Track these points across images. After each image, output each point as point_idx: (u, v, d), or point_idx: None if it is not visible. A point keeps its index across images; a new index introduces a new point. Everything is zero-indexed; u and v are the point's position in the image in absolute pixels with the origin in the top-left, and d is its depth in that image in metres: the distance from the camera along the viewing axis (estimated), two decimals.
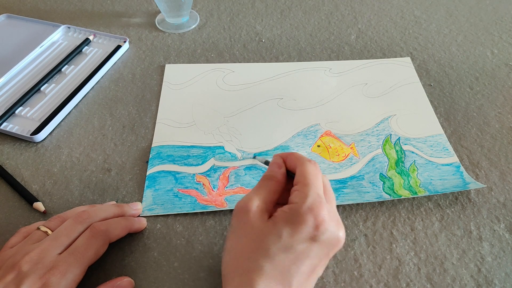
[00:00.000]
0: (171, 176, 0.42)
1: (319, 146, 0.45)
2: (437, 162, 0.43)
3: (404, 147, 0.45)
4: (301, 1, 0.69)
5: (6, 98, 0.50)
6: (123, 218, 0.37)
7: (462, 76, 0.54)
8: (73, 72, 0.54)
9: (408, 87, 0.53)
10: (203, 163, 0.43)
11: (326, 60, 0.57)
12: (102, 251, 0.33)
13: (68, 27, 0.61)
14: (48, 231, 0.33)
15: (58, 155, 0.45)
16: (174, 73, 0.55)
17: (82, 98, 0.51)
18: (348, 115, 0.49)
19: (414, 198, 0.40)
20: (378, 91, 0.52)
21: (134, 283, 0.34)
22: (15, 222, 0.39)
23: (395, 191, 0.40)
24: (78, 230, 0.33)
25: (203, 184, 0.42)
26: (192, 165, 0.43)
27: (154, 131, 0.47)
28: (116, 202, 0.40)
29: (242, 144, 0.45)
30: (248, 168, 0.43)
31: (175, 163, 0.43)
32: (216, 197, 0.40)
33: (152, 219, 0.39)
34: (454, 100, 0.51)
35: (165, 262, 0.36)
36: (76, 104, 0.50)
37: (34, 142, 0.46)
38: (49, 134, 0.47)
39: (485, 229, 0.38)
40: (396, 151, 0.45)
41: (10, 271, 0.29)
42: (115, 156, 0.44)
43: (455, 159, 0.44)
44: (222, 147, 0.45)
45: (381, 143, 0.45)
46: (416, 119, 0.48)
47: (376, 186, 0.41)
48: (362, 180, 0.42)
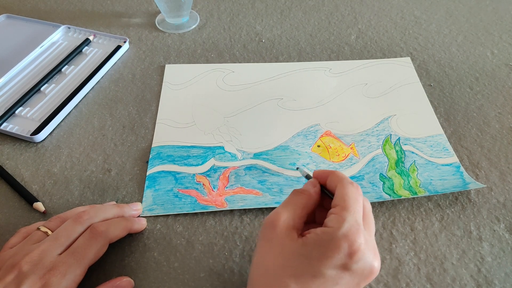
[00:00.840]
0: (171, 176, 0.42)
1: (319, 146, 0.45)
2: (437, 162, 0.43)
3: (404, 147, 0.45)
4: (301, 1, 0.69)
5: (6, 98, 0.50)
6: (123, 218, 0.37)
7: (462, 76, 0.54)
8: (73, 72, 0.54)
9: (408, 87, 0.53)
10: (203, 163, 0.44)
11: (326, 60, 0.57)
12: (102, 252, 0.33)
13: (68, 27, 0.61)
14: (48, 232, 0.33)
15: (58, 155, 0.45)
16: (174, 73, 0.55)
17: (82, 98, 0.51)
18: (348, 115, 0.49)
19: (414, 198, 0.40)
20: (378, 91, 0.52)
21: (134, 283, 0.34)
22: (15, 222, 0.39)
23: (395, 191, 0.40)
24: (78, 231, 0.33)
25: (203, 184, 0.42)
26: (192, 165, 0.43)
27: (154, 131, 0.47)
28: (116, 202, 0.40)
29: (242, 144, 0.45)
30: (248, 168, 0.43)
31: (175, 163, 0.43)
32: (216, 197, 0.40)
33: (152, 219, 0.39)
34: (454, 100, 0.51)
35: (165, 262, 0.36)
36: (76, 104, 0.50)
37: (34, 142, 0.46)
38: (49, 134, 0.47)
39: (485, 229, 0.38)
40: (396, 151, 0.45)
41: (10, 272, 0.29)
42: (115, 156, 0.44)
43: (455, 159, 0.44)
44: (222, 147, 0.45)
45: (381, 143, 0.45)
46: (416, 119, 0.48)
47: (376, 186, 0.41)
48: (362, 180, 0.42)
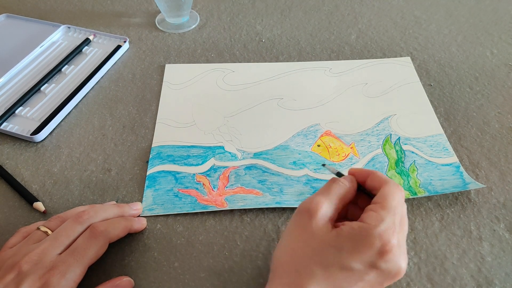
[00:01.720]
0: (171, 176, 0.42)
1: (319, 146, 0.45)
2: (437, 162, 0.43)
3: (404, 147, 0.45)
4: (301, 1, 0.69)
5: (6, 98, 0.50)
6: (123, 218, 0.37)
7: (462, 76, 0.54)
8: (73, 72, 0.54)
9: (408, 87, 0.53)
10: (203, 163, 0.43)
11: (326, 60, 0.57)
12: (102, 251, 0.33)
13: (68, 27, 0.61)
14: (48, 231, 0.33)
15: (58, 155, 0.45)
16: (174, 73, 0.55)
17: (82, 98, 0.51)
18: (348, 115, 0.49)
19: (414, 198, 0.40)
20: (378, 91, 0.52)
21: (134, 283, 0.34)
22: (15, 222, 0.39)
23: None
24: (78, 230, 0.33)
25: (203, 184, 0.42)
26: (192, 165, 0.43)
27: (154, 131, 0.47)
28: (116, 202, 0.40)
29: (242, 144, 0.45)
30: (248, 168, 0.43)
31: (175, 163, 0.43)
32: (216, 197, 0.40)
33: (152, 219, 0.39)
34: (454, 100, 0.51)
35: (165, 262, 0.36)
36: (76, 104, 0.50)
37: (34, 142, 0.46)
38: (49, 134, 0.47)
39: (485, 229, 0.38)
40: (396, 151, 0.45)
41: (10, 271, 0.29)
42: (115, 156, 0.44)
43: (454, 159, 0.44)
44: (222, 147, 0.45)
45: (381, 143, 0.45)
46: (416, 119, 0.48)
47: None
48: None
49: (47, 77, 0.53)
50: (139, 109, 0.50)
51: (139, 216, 0.39)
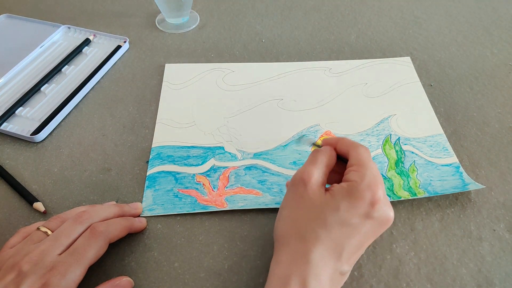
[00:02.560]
0: (171, 176, 0.42)
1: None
2: (436, 163, 0.43)
3: (404, 147, 0.45)
4: (301, 1, 0.69)
5: (6, 98, 0.50)
6: (123, 218, 0.37)
7: (462, 76, 0.54)
8: (73, 72, 0.54)
9: (408, 87, 0.53)
10: (203, 163, 0.44)
11: (326, 60, 0.57)
12: (102, 252, 0.33)
13: (68, 27, 0.61)
14: (48, 232, 0.33)
15: (58, 155, 0.45)
16: (174, 72, 0.55)
17: (82, 98, 0.51)
18: (348, 115, 0.49)
19: (414, 198, 0.40)
20: (378, 91, 0.52)
21: (134, 283, 0.34)
22: (15, 222, 0.39)
23: (395, 193, 0.40)
24: (78, 231, 0.33)
25: (203, 184, 0.42)
26: (192, 165, 0.43)
27: (154, 131, 0.47)
28: (116, 202, 0.40)
29: (242, 145, 0.45)
30: (248, 168, 0.43)
31: (175, 164, 0.43)
32: (216, 197, 0.40)
33: (152, 219, 0.39)
34: (454, 100, 0.51)
35: (165, 262, 0.36)
36: (76, 104, 0.50)
37: (34, 142, 0.46)
38: (49, 134, 0.47)
39: (485, 229, 0.38)
40: (396, 151, 0.45)
41: (10, 272, 0.29)
42: (115, 156, 0.44)
43: (454, 159, 0.44)
44: (222, 147, 0.45)
45: (381, 143, 0.45)
46: (416, 119, 0.48)
47: None
48: None
49: (47, 77, 0.53)
50: (139, 109, 0.50)
51: (139, 216, 0.39)
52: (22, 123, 0.47)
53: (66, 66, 0.55)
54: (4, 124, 0.47)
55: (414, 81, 0.53)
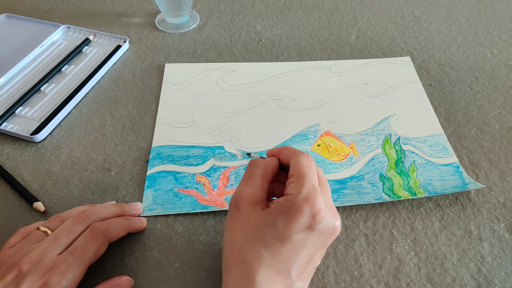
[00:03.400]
0: (171, 176, 0.42)
1: (319, 146, 0.45)
2: (436, 162, 0.43)
3: (404, 147, 0.45)
4: (301, 1, 0.69)
5: (6, 98, 0.50)
6: (123, 217, 0.37)
7: (462, 76, 0.54)
8: (73, 72, 0.54)
9: (408, 86, 0.53)
10: (203, 163, 0.44)
11: (326, 60, 0.57)
12: (102, 251, 0.33)
13: (68, 27, 0.61)
14: (48, 231, 0.33)
15: (58, 155, 0.45)
16: (174, 72, 0.55)
17: (82, 98, 0.51)
18: (348, 115, 0.49)
19: (413, 198, 0.40)
20: (378, 90, 0.52)
21: (135, 282, 0.34)
22: (15, 222, 0.39)
23: (395, 192, 0.40)
24: (78, 230, 0.33)
25: (203, 184, 0.42)
26: (192, 165, 0.43)
27: (154, 131, 0.47)
28: (116, 202, 0.40)
29: (242, 144, 0.45)
30: None
31: (175, 163, 0.43)
32: (216, 197, 0.40)
33: (152, 219, 0.39)
34: (454, 100, 0.51)
35: (165, 262, 0.36)
36: (76, 104, 0.50)
37: (34, 142, 0.46)
38: (49, 134, 0.47)
39: (485, 229, 0.38)
40: (396, 151, 0.45)
41: (10, 271, 0.29)
42: (115, 156, 0.44)
43: (454, 159, 0.44)
44: (222, 147, 0.45)
45: (381, 143, 0.45)
46: (416, 119, 0.48)
47: (376, 187, 0.41)
48: (362, 180, 0.42)
49: (47, 77, 0.53)
50: (139, 109, 0.50)
51: (139, 216, 0.39)
52: (22, 123, 0.47)
53: (66, 66, 0.55)
54: (4, 124, 0.47)
55: (414, 81, 0.53)
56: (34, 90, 0.51)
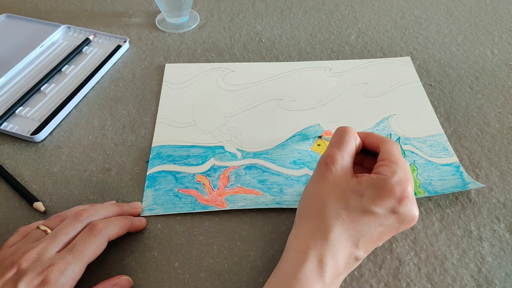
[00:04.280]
0: (171, 176, 0.42)
1: (319, 145, 0.45)
2: (436, 162, 0.43)
3: (404, 147, 0.45)
4: (301, 1, 0.69)
5: (6, 98, 0.50)
6: (123, 216, 0.37)
7: (462, 76, 0.54)
8: (73, 72, 0.54)
9: (408, 86, 0.53)
10: (203, 163, 0.43)
11: (326, 60, 0.57)
12: (101, 249, 0.33)
13: (68, 27, 0.61)
14: (48, 230, 0.33)
15: (58, 155, 0.45)
16: (174, 72, 0.55)
17: (82, 98, 0.51)
18: (348, 115, 0.49)
19: None
20: (378, 90, 0.52)
21: (134, 282, 0.34)
22: (15, 222, 0.39)
23: None
24: (77, 228, 0.33)
25: (203, 184, 0.42)
26: (192, 165, 0.43)
27: (154, 131, 0.47)
28: (116, 202, 0.40)
29: (242, 144, 0.45)
30: (248, 167, 0.43)
31: (175, 163, 0.43)
32: (216, 197, 0.40)
33: (152, 219, 0.39)
34: (454, 100, 0.51)
35: (165, 262, 0.36)
36: (76, 104, 0.50)
37: (34, 142, 0.46)
38: (49, 134, 0.47)
39: (485, 229, 0.38)
40: None
41: (9, 269, 0.29)
42: (115, 156, 0.44)
43: (454, 159, 0.44)
44: (222, 147, 0.45)
45: None
46: (416, 119, 0.48)
47: None
48: None
49: (47, 77, 0.53)
50: (139, 109, 0.50)
51: (139, 215, 0.39)
52: (22, 123, 0.47)
53: (66, 66, 0.55)
54: (4, 124, 0.47)
55: (414, 81, 0.53)
56: (34, 90, 0.51)
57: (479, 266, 0.36)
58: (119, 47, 0.57)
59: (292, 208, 0.40)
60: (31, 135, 0.45)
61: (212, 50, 0.59)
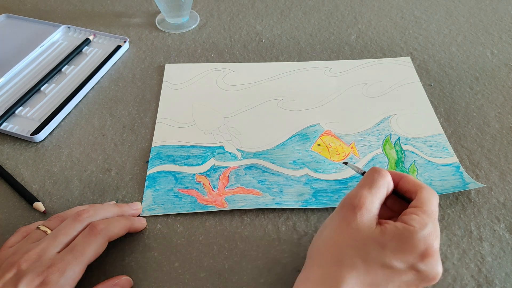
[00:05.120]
0: (171, 176, 0.42)
1: (319, 145, 0.45)
2: (436, 163, 0.43)
3: (404, 147, 0.45)
4: (301, 1, 0.69)
5: (6, 98, 0.50)
6: (123, 217, 0.37)
7: (462, 76, 0.54)
8: (73, 72, 0.54)
9: (408, 86, 0.53)
10: (203, 163, 0.43)
11: (326, 60, 0.57)
12: (102, 250, 0.33)
13: (68, 27, 0.61)
14: (48, 231, 0.33)
15: (58, 155, 0.45)
16: (174, 72, 0.55)
17: (82, 98, 0.51)
18: (348, 115, 0.49)
19: None
20: (378, 90, 0.52)
21: (135, 283, 0.34)
22: (15, 222, 0.39)
23: None
24: (77, 229, 0.33)
25: (203, 184, 0.41)
26: (192, 165, 0.43)
27: (154, 131, 0.47)
28: (116, 202, 0.40)
29: (242, 144, 0.45)
30: (248, 168, 0.43)
31: (175, 163, 0.43)
32: (216, 197, 0.40)
33: (152, 219, 0.39)
34: (454, 100, 0.51)
35: (165, 262, 0.36)
36: (76, 104, 0.50)
37: (34, 142, 0.46)
38: (49, 134, 0.47)
39: (485, 229, 0.38)
40: (396, 151, 0.45)
41: (9, 270, 0.29)
42: (115, 156, 0.44)
43: (454, 159, 0.44)
44: (222, 147, 0.45)
45: (381, 143, 0.45)
46: (416, 119, 0.48)
47: None
48: None
49: (47, 77, 0.53)
50: (139, 109, 0.50)
51: (139, 216, 0.39)
52: (22, 123, 0.47)
53: (66, 66, 0.55)
54: (4, 124, 0.47)
55: (414, 81, 0.53)
56: (34, 90, 0.51)
57: (479, 266, 0.36)
58: (119, 47, 0.57)
59: (292, 208, 0.40)
60: (31, 135, 0.45)
61: (212, 50, 0.59)
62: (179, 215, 0.39)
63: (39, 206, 0.39)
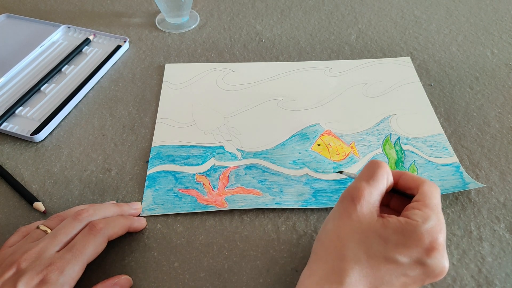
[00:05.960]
0: (171, 176, 0.42)
1: (319, 145, 0.45)
2: (436, 162, 0.43)
3: (404, 147, 0.45)
4: (301, 1, 0.69)
5: (6, 98, 0.50)
6: (122, 216, 0.37)
7: (462, 76, 0.54)
8: (73, 72, 0.54)
9: (408, 86, 0.52)
10: (203, 163, 0.43)
11: (326, 60, 0.57)
12: (101, 249, 0.33)
13: (68, 27, 0.61)
14: (47, 230, 0.33)
15: (58, 155, 0.45)
16: (174, 72, 0.55)
17: (82, 98, 0.51)
18: (348, 115, 0.49)
19: None
20: (378, 90, 0.52)
21: (134, 282, 0.34)
22: (15, 222, 0.39)
23: None
24: (77, 228, 0.33)
25: (203, 184, 0.41)
26: (192, 165, 0.43)
27: (154, 131, 0.47)
28: (116, 202, 0.40)
29: (242, 144, 0.45)
30: (248, 167, 0.43)
31: (175, 163, 0.43)
32: (216, 197, 0.40)
33: (152, 219, 0.39)
34: (454, 100, 0.51)
35: (165, 262, 0.36)
36: (76, 104, 0.50)
37: (34, 142, 0.46)
38: (49, 134, 0.47)
39: (485, 229, 0.38)
40: (396, 151, 0.45)
41: (8, 269, 0.29)
42: (115, 156, 0.44)
43: (454, 159, 0.44)
44: (222, 147, 0.45)
45: (381, 143, 0.45)
46: (416, 119, 0.48)
47: None
48: None
49: (47, 77, 0.53)
50: (139, 109, 0.50)
51: (139, 215, 0.39)
52: (22, 123, 0.47)
53: (66, 66, 0.55)
54: (4, 124, 0.47)
55: (414, 81, 0.53)
56: (34, 90, 0.51)
57: (479, 266, 0.36)
58: (119, 47, 0.57)
59: (292, 208, 0.40)
60: (31, 135, 0.45)
61: (212, 50, 0.59)
62: (179, 215, 0.39)
63: (39, 206, 0.39)
